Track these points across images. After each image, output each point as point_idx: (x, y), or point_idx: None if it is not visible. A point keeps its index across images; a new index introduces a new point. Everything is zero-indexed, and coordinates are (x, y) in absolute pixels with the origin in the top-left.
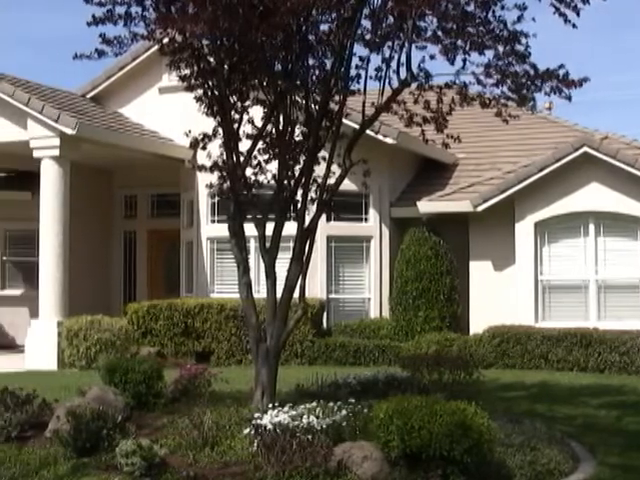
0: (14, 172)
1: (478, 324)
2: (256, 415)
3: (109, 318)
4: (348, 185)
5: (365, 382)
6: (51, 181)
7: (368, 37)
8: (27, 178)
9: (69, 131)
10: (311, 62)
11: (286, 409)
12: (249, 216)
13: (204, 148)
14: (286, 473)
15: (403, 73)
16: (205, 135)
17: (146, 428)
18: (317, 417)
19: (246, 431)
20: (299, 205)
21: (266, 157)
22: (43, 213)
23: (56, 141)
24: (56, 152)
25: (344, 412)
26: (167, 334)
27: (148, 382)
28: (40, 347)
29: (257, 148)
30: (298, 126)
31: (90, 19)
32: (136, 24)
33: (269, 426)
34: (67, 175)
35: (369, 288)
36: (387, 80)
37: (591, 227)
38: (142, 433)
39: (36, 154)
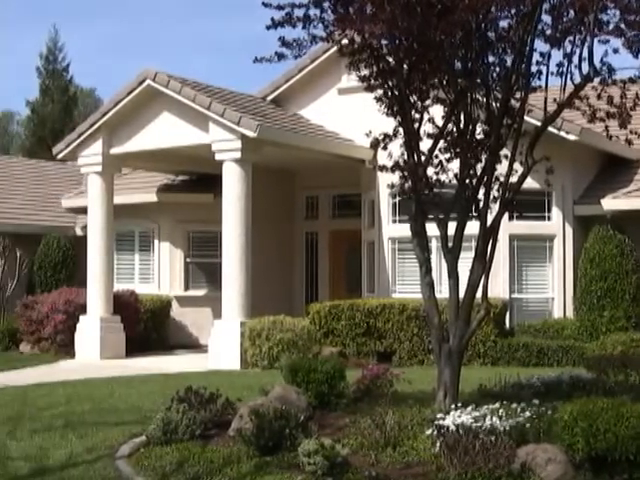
0: (196, 175)
1: None
2: (439, 416)
3: (291, 318)
4: (530, 183)
5: (549, 383)
6: (233, 183)
7: (549, 32)
8: (209, 181)
9: (250, 134)
10: (491, 59)
11: (469, 410)
12: (431, 216)
13: (385, 148)
14: (468, 474)
15: (585, 68)
16: (386, 135)
17: (328, 428)
18: (500, 418)
19: (428, 432)
20: (481, 204)
21: (447, 156)
22: (225, 215)
23: (238, 144)
24: (238, 155)
25: (527, 413)
26: (349, 334)
27: (330, 382)
28: (223, 347)
29: (438, 147)
30: (479, 124)
31: (269, 22)
32: (315, 26)
33: (452, 427)
34: (249, 177)
35: (552, 287)
36: (569, 75)
37: None
38: (324, 433)
39: (218, 157)
